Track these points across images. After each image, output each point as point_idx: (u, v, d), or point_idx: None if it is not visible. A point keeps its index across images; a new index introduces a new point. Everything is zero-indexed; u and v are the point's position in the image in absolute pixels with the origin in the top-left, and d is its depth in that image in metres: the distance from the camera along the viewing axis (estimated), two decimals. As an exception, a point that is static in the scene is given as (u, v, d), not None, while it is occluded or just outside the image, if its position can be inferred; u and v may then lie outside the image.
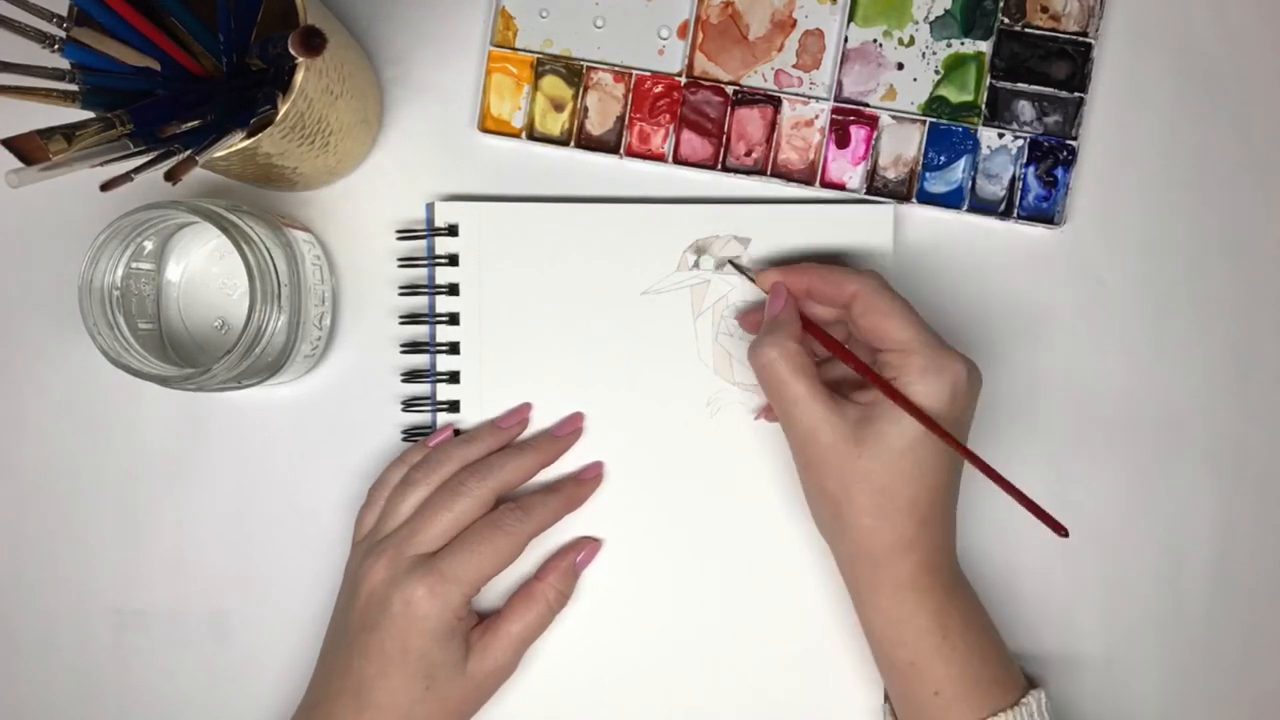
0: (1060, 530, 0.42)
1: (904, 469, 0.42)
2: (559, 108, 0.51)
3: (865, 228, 0.50)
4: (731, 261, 0.50)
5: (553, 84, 0.51)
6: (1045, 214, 0.51)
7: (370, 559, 0.46)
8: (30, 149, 0.38)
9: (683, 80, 0.51)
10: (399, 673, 0.44)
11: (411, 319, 0.51)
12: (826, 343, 0.46)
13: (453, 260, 0.51)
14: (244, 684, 0.52)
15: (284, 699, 0.52)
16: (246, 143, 0.41)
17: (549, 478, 0.50)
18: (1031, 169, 0.51)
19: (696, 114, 0.51)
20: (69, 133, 0.39)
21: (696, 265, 0.51)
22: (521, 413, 0.50)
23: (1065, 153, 0.51)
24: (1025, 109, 0.51)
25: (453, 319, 0.51)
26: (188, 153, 0.39)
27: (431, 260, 0.51)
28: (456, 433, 0.50)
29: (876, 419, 0.43)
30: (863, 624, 0.46)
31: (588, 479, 0.50)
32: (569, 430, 0.50)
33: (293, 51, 0.37)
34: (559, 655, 0.51)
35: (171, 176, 0.38)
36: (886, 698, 0.48)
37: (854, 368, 0.44)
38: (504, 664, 0.47)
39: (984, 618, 0.46)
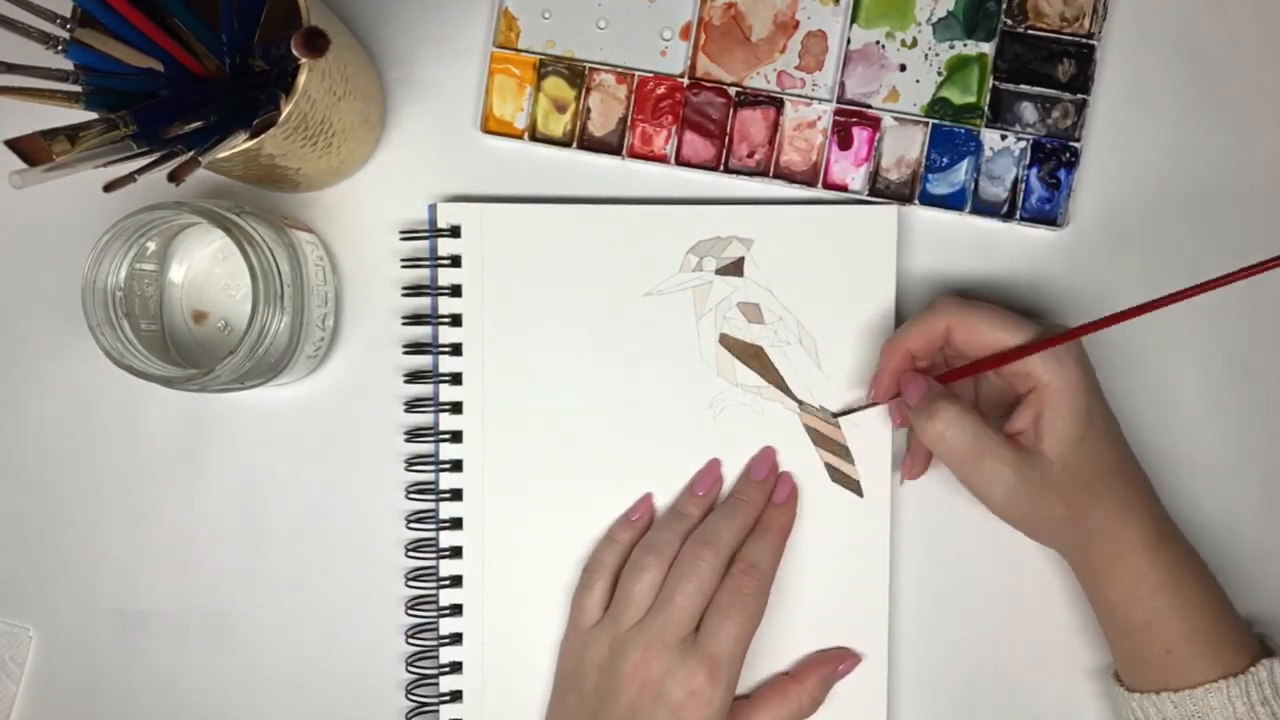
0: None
1: (1091, 450, 0.44)
2: (561, 109, 0.51)
3: (868, 229, 0.50)
4: (850, 411, 0.50)
5: (555, 85, 0.51)
6: (1048, 216, 0.51)
7: (632, 652, 0.45)
8: (33, 150, 0.38)
9: (685, 81, 0.51)
10: None
11: (414, 320, 0.51)
12: (966, 371, 0.46)
13: (455, 261, 0.51)
14: (246, 684, 0.52)
15: (286, 700, 0.52)
16: (249, 144, 0.41)
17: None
18: (1034, 171, 0.51)
19: (699, 115, 0.51)
20: (72, 134, 0.39)
21: (698, 267, 0.51)
22: (714, 470, 0.50)
23: (1068, 154, 0.51)
24: (1028, 110, 0.51)
25: (455, 320, 0.51)
26: (191, 154, 0.39)
27: (434, 261, 0.51)
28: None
29: (1048, 429, 0.44)
30: (1096, 601, 0.47)
31: (784, 501, 0.50)
32: (767, 471, 0.50)
33: (296, 52, 0.37)
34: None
35: (174, 177, 0.38)
36: (1115, 675, 0.48)
37: (1001, 363, 0.45)
38: None
39: (1212, 578, 0.46)
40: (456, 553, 0.51)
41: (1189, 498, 0.50)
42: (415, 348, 0.51)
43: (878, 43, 0.51)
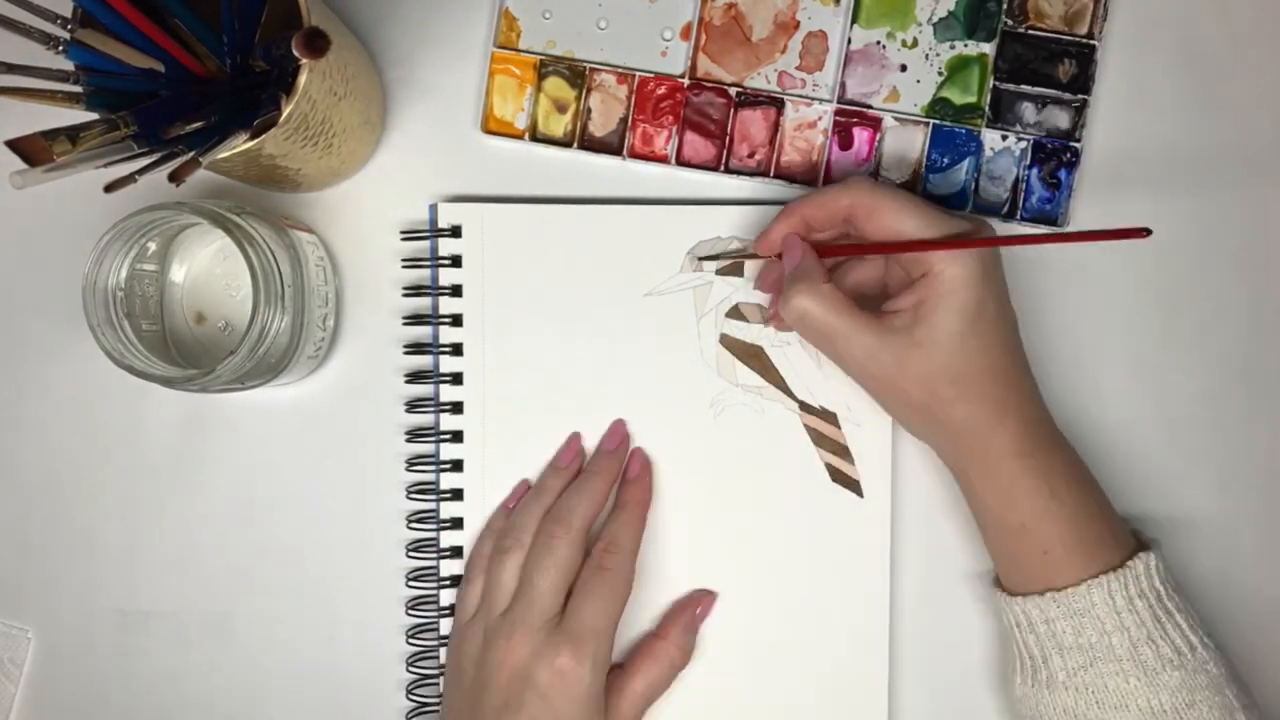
0: (1141, 233, 0.41)
1: (972, 348, 0.43)
2: (562, 109, 0.51)
3: (868, 229, 0.50)
4: (720, 256, 0.50)
5: (556, 85, 0.51)
6: (1049, 216, 0.51)
7: (499, 640, 0.46)
8: (34, 150, 0.38)
9: (686, 82, 0.51)
10: None
11: (415, 320, 0.51)
12: (850, 250, 0.46)
13: (456, 262, 0.51)
14: (247, 684, 0.52)
15: (286, 700, 0.52)
16: (250, 144, 0.41)
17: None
18: (1035, 171, 0.51)
19: (699, 115, 0.51)
20: (73, 134, 0.39)
21: (699, 267, 0.51)
22: (574, 444, 0.50)
23: (1068, 154, 0.51)
24: (1028, 111, 0.51)
25: (456, 320, 0.51)
26: (191, 154, 0.39)
27: (435, 261, 0.51)
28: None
29: (925, 316, 0.43)
30: (973, 504, 0.47)
31: (637, 476, 0.50)
32: (618, 442, 0.50)
33: (296, 53, 0.37)
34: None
35: (175, 178, 0.38)
36: (997, 581, 0.48)
37: (890, 250, 0.45)
38: None
39: (1088, 477, 0.46)
40: (457, 553, 0.51)
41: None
42: (416, 348, 0.51)
43: (878, 43, 0.51)
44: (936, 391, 0.44)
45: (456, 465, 0.51)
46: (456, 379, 0.51)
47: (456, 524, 0.51)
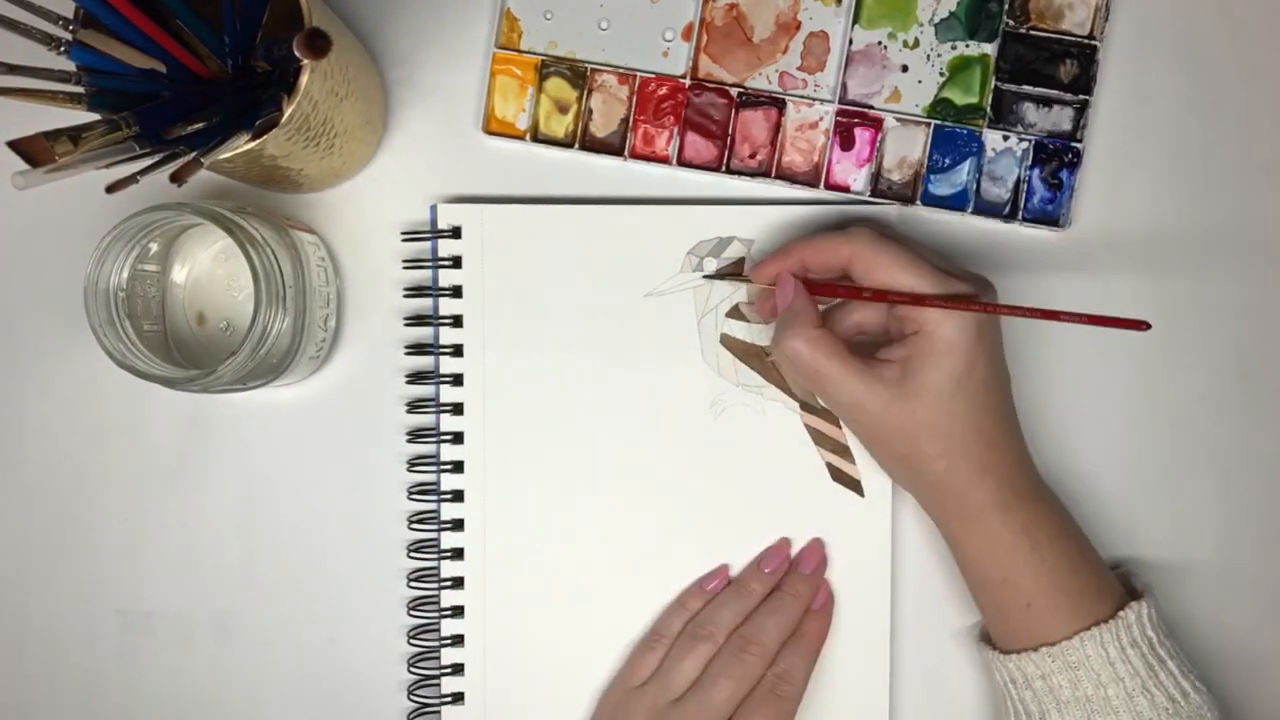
0: (1141, 325, 0.42)
1: (958, 406, 0.43)
2: (563, 110, 0.52)
3: (869, 230, 0.50)
4: (718, 274, 0.50)
5: (557, 86, 0.51)
6: (1050, 216, 0.51)
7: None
8: (36, 151, 0.38)
9: (687, 82, 0.51)
10: None
11: (416, 320, 0.51)
12: (844, 293, 0.46)
13: (456, 262, 0.51)
14: (248, 684, 0.52)
15: (287, 700, 0.52)
16: (252, 145, 0.41)
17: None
18: (1036, 171, 0.51)
19: (701, 116, 0.51)
20: (75, 135, 0.39)
21: (699, 267, 0.51)
22: (783, 550, 0.51)
23: (1070, 155, 0.51)
24: (1030, 111, 0.51)
25: (456, 321, 0.51)
26: (193, 154, 0.39)
27: (435, 262, 0.51)
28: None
29: (916, 370, 0.43)
30: (956, 554, 0.47)
31: (821, 607, 0.50)
32: (815, 565, 0.50)
33: (297, 53, 0.37)
34: (560, 659, 0.51)
35: (177, 178, 0.38)
36: (985, 637, 0.48)
37: (884, 300, 0.45)
38: None
39: (1073, 528, 0.46)
40: (458, 554, 0.51)
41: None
42: (417, 349, 0.51)
43: (880, 43, 0.51)
44: (919, 445, 0.44)
45: (457, 466, 0.51)
46: (457, 380, 0.51)
47: (457, 525, 0.51)
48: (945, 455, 0.44)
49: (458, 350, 0.51)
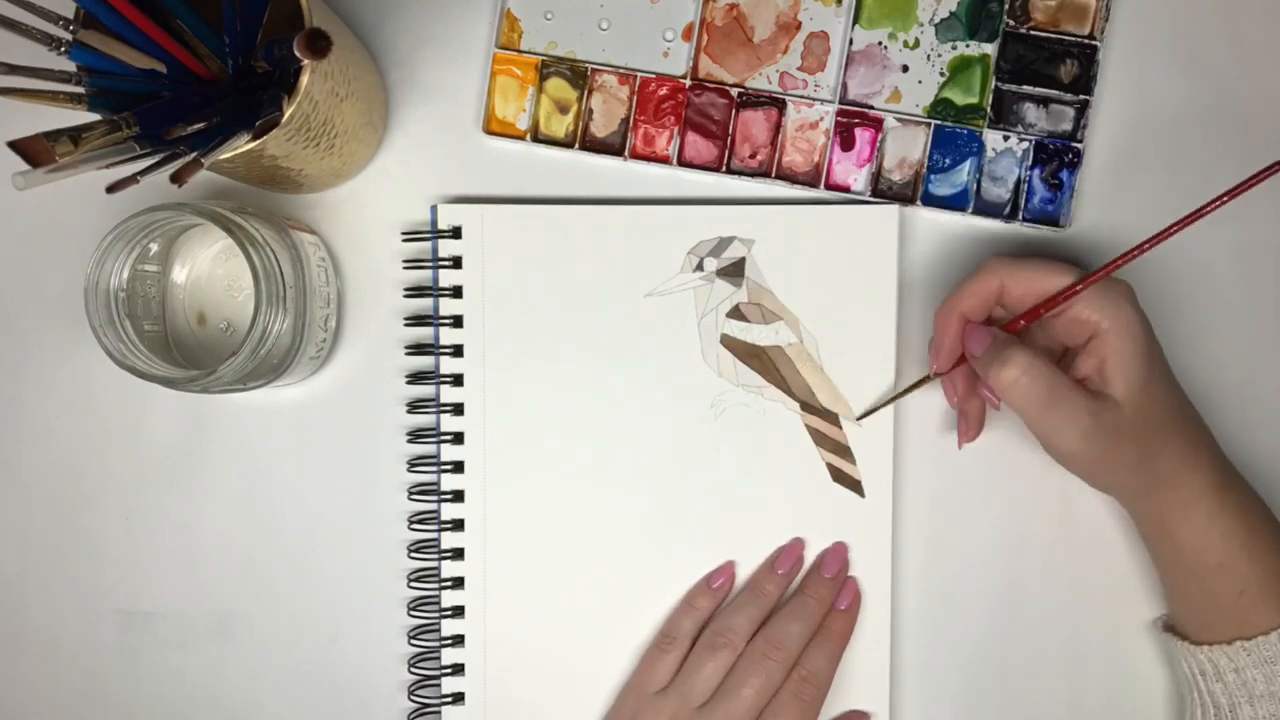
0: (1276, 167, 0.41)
1: (1158, 391, 0.44)
2: (564, 110, 0.52)
3: (870, 230, 0.50)
4: (907, 390, 0.49)
5: (558, 86, 0.51)
6: (1050, 217, 0.51)
7: None
8: (36, 151, 0.38)
9: (687, 82, 0.51)
10: None
11: (416, 321, 0.51)
12: (1028, 316, 0.46)
13: (456, 263, 0.51)
14: (248, 685, 0.52)
15: (288, 700, 0.52)
16: (252, 145, 0.41)
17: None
18: (1037, 171, 0.51)
19: (701, 116, 0.51)
20: (75, 135, 0.39)
21: (700, 267, 0.51)
22: (797, 550, 0.50)
23: (1070, 155, 0.51)
24: (1030, 111, 0.51)
25: (457, 321, 0.51)
26: (193, 155, 0.39)
27: (436, 262, 0.51)
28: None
29: (1111, 375, 0.44)
30: (1163, 548, 0.47)
31: (848, 606, 0.50)
32: (837, 569, 0.50)
33: (298, 54, 0.37)
34: (560, 659, 0.51)
35: (177, 179, 0.38)
36: (1169, 628, 0.48)
37: (1053, 307, 0.45)
38: None
39: (1273, 516, 0.46)
40: (458, 554, 0.51)
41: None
42: (417, 349, 0.51)
43: (880, 44, 0.51)
44: (1144, 442, 0.44)
45: (458, 466, 0.51)
46: (457, 380, 0.51)
47: (457, 525, 0.51)
48: (1167, 443, 0.44)
49: (458, 350, 0.51)
